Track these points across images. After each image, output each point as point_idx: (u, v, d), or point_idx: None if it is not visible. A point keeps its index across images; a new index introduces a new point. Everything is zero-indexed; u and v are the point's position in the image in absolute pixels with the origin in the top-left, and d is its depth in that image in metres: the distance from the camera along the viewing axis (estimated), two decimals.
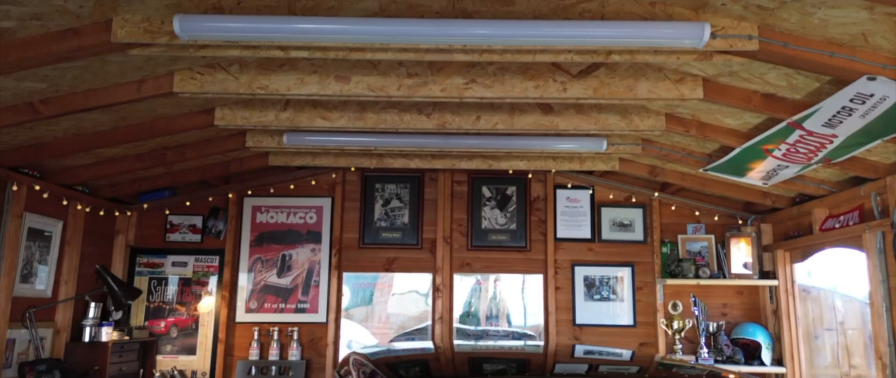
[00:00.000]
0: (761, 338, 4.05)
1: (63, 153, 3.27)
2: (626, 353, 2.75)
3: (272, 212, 4.49)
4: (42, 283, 3.54)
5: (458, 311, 4.45)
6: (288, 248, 4.45)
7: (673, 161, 3.79)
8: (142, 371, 4.03)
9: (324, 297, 4.40)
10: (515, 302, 4.54)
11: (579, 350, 3.15)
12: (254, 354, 4.24)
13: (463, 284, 4.48)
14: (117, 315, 3.97)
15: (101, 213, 4.05)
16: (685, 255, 4.36)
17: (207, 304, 4.35)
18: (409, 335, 4.43)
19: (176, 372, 3.92)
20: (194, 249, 4.42)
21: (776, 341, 4.09)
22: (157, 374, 3.88)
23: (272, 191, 4.51)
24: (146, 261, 4.39)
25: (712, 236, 4.39)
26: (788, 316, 4.01)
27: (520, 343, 4.04)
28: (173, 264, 4.40)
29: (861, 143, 2.76)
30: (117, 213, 4.25)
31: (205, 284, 4.38)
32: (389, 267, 4.48)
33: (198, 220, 4.45)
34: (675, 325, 4.14)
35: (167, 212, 4.44)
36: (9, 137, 3.03)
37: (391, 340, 4.41)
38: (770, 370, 4.00)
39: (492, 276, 4.49)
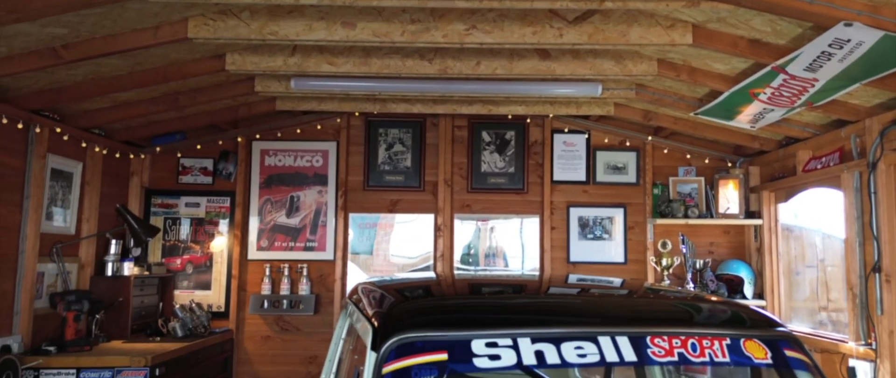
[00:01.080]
0: (744, 273, 4.29)
1: (82, 97, 3.42)
2: (616, 281, 2.99)
3: (280, 155, 4.67)
4: (66, 220, 3.75)
5: (458, 254, 4.69)
6: (296, 189, 4.65)
7: (665, 105, 3.94)
8: (161, 304, 4.29)
9: (331, 236, 4.62)
10: (513, 243, 4.77)
11: (573, 278, 3.39)
12: (266, 289, 4.50)
13: (463, 228, 4.70)
14: (136, 252, 4.20)
15: (117, 155, 4.23)
16: (676, 196, 4.56)
17: (220, 243, 4.58)
18: (413, 271, 4.68)
19: (194, 305, 4.17)
20: (206, 191, 4.62)
21: (758, 277, 4.33)
22: (177, 306, 4.13)
23: (279, 135, 4.67)
24: (161, 202, 4.60)
25: (702, 178, 4.58)
26: (770, 253, 4.24)
27: (517, 272, 4.31)
28: (186, 205, 4.61)
29: (840, 87, 2.92)
30: (132, 156, 4.43)
31: (217, 224, 4.60)
32: (393, 208, 4.69)
33: (209, 163, 4.63)
34: (664, 262, 4.37)
35: (179, 155, 4.62)
36: (31, 81, 3.18)
37: (395, 275, 4.66)
38: (751, 303, 4.25)
39: (491, 220, 4.70)
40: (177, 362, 3.55)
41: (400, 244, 4.80)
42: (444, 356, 1.72)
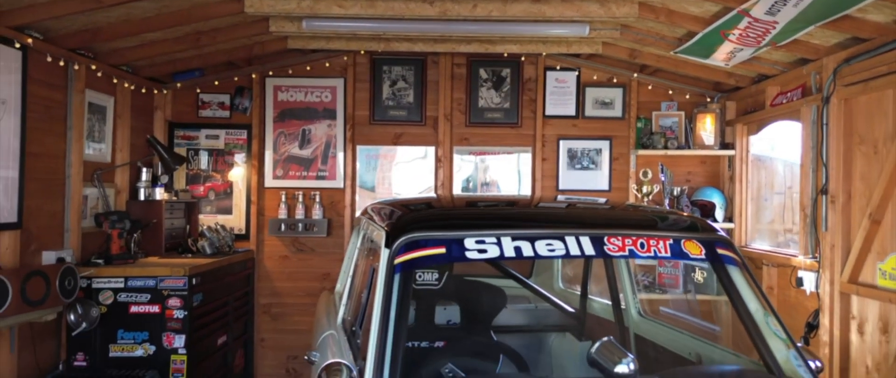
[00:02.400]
0: (716, 199, 4.72)
1: (114, 37, 3.76)
2: (601, 200, 3.43)
3: (292, 91, 5.02)
4: (103, 150, 4.15)
5: (457, 187, 5.11)
6: (307, 123, 5.03)
7: (648, 45, 4.27)
8: (188, 227, 4.74)
9: (340, 166, 5.04)
10: (507, 174, 5.19)
11: (561, 197, 3.82)
12: (282, 214, 4.95)
13: (461, 162, 5.10)
14: (164, 179, 4.62)
15: (143, 90, 4.59)
16: (658, 129, 4.94)
17: (238, 173, 5.00)
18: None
19: (219, 226, 4.62)
20: (224, 124, 5.01)
21: (729, 202, 4.77)
22: (205, 227, 4.58)
23: (290, 72, 5.01)
24: (183, 134, 4.99)
25: (682, 113, 4.95)
26: (741, 181, 4.66)
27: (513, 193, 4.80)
28: (206, 137, 5.01)
29: (798, 29, 3.25)
30: (155, 91, 4.79)
31: (235, 155, 5.00)
32: (397, 141, 5.08)
33: (226, 98, 5.00)
34: (645, 189, 4.78)
35: (198, 90, 4.98)
36: (70, 23, 3.52)
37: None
38: (722, 225, 4.70)
39: (487, 154, 5.10)
40: (208, 274, 4.02)
41: (403, 177, 5.20)
42: (442, 250, 2.16)
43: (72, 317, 3.55)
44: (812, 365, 2.14)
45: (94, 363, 3.67)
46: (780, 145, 4.73)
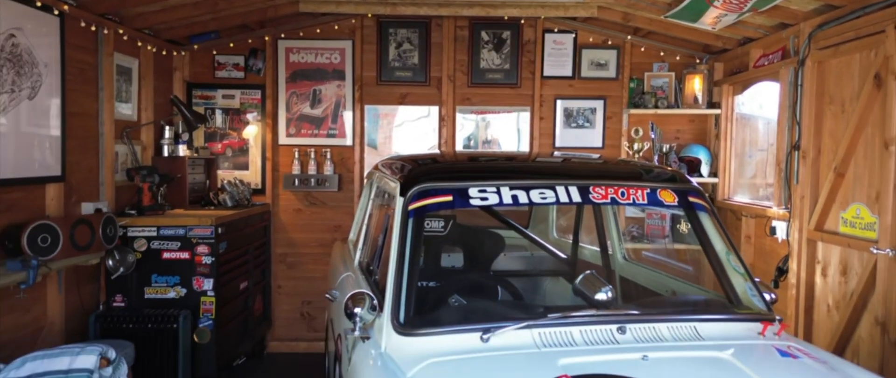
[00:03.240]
0: (702, 155, 5.04)
1: (139, 3, 4.03)
2: (594, 156, 3.75)
3: (302, 53, 5.29)
4: (130, 109, 4.45)
5: (460, 145, 5.41)
6: (318, 84, 5.31)
7: (641, 9, 4.52)
8: (208, 181, 5.07)
9: (349, 125, 5.34)
10: (507, 133, 5.49)
11: (556, 153, 4.14)
12: (296, 170, 5.27)
13: (463, 122, 5.40)
14: (185, 137, 4.92)
15: (163, 52, 4.86)
16: (649, 89, 5.22)
17: (253, 131, 5.30)
18: None
19: (237, 181, 4.96)
20: (239, 84, 5.29)
21: (714, 159, 5.09)
22: (226, 181, 4.91)
23: (301, 34, 5.27)
24: (200, 94, 5.28)
25: (673, 74, 5.22)
26: (726, 138, 4.97)
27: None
28: (223, 97, 5.30)
29: None
30: (174, 53, 5.06)
31: (250, 113, 5.30)
32: (402, 101, 5.37)
33: (240, 60, 5.26)
34: (636, 146, 5.10)
35: (214, 52, 5.24)
36: None
37: None
38: (707, 180, 5.04)
39: (489, 113, 5.40)
40: (231, 225, 4.37)
41: (405, 136, 5.49)
42: (449, 198, 2.49)
43: (111, 262, 3.91)
44: (766, 297, 2.49)
45: (131, 304, 4.05)
46: (766, 105, 5.03)
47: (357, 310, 2.22)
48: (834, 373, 2.03)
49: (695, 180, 4.96)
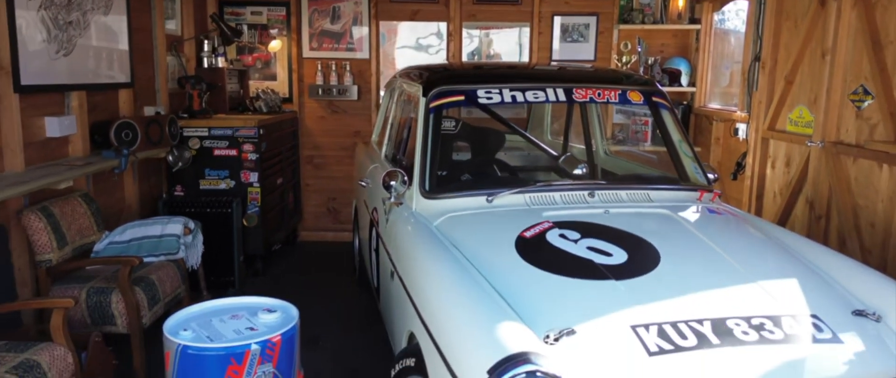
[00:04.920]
0: (682, 67, 5.65)
1: None
2: (586, 66, 4.38)
3: None
4: (174, 25, 5.02)
5: (465, 58, 5.98)
6: (336, 1, 5.83)
7: None
8: (242, 90, 5.71)
9: (366, 39, 5.90)
10: (508, 47, 6.05)
11: (553, 64, 4.75)
12: (319, 80, 5.89)
13: (468, 37, 5.95)
14: (222, 50, 5.52)
15: None
16: (637, 6, 5.75)
17: (277, 44, 5.88)
18: None
19: (269, 90, 5.59)
20: (266, 2, 5.81)
21: (694, 70, 5.69)
22: (258, 91, 5.54)
23: None
24: (231, 10, 5.81)
25: None
26: (704, 52, 5.56)
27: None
28: (252, 13, 5.84)
29: None
30: None
31: (275, 29, 5.86)
32: (414, 17, 5.91)
33: None
34: (624, 59, 5.69)
35: None
36: None
37: None
38: (686, 89, 5.67)
39: (493, 29, 5.94)
40: (268, 127, 5.05)
41: (418, 53, 6.07)
42: (462, 98, 3.16)
43: (170, 157, 4.62)
44: (709, 175, 3.19)
45: (188, 193, 4.79)
46: (741, 20, 5.57)
47: (393, 183, 2.93)
48: (744, 223, 2.76)
49: (675, 89, 5.61)
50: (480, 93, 3.14)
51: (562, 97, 3.15)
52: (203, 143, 4.76)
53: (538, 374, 1.66)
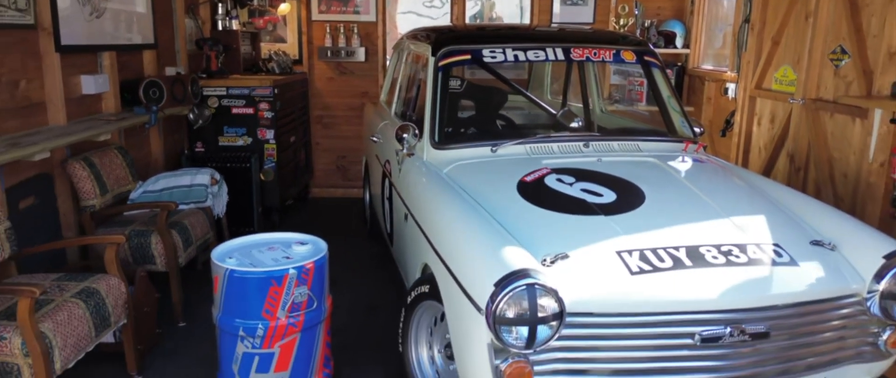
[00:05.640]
0: (678, 29, 5.87)
1: None
2: (587, 27, 4.62)
3: None
4: None
5: (468, 22, 6.20)
6: None
7: None
8: (254, 52, 5.94)
9: (373, 2, 6.11)
10: (511, 11, 6.26)
11: (553, 26, 4.99)
12: (328, 43, 6.12)
13: (472, 1, 6.19)
14: (234, 13, 5.73)
15: None
16: None
17: (286, 7, 6.08)
18: None
19: (281, 52, 5.82)
20: None
21: (688, 32, 5.92)
22: (272, 51, 5.78)
23: None
24: None
25: None
26: (698, 14, 5.78)
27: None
28: None
29: None
30: None
31: None
32: None
33: None
34: (621, 21, 5.91)
35: None
36: None
37: None
38: (680, 51, 5.91)
39: None
40: (281, 86, 5.30)
41: (421, 16, 6.28)
42: (468, 56, 3.42)
43: (191, 115, 4.90)
44: (696, 129, 3.48)
45: (208, 149, 5.08)
46: None
47: (405, 135, 3.22)
48: (724, 169, 3.06)
49: (671, 51, 5.85)
50: (485, 52, 3.40)
51: (560, 56, 3.42)
52: (221, 101, 5.02)
53: (537, 286, 1.98)
